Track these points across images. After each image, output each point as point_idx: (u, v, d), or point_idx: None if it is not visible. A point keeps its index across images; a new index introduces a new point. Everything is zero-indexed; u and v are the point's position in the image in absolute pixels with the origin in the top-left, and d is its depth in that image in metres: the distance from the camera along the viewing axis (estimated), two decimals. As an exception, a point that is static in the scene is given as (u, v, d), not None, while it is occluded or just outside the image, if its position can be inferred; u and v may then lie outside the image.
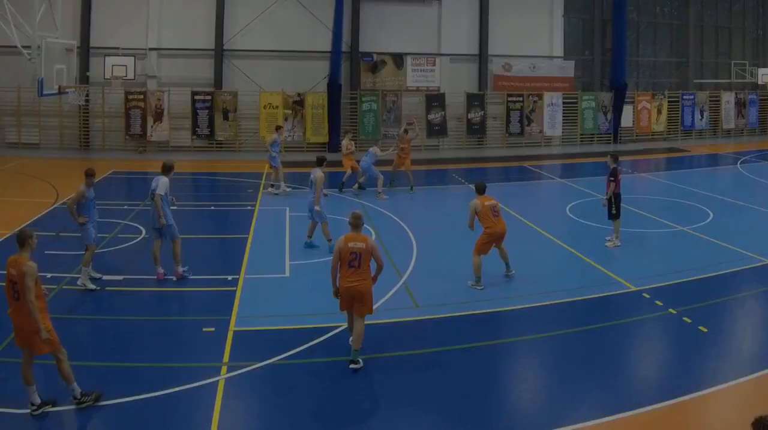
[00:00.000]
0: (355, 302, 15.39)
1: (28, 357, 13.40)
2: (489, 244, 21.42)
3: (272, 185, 34.09)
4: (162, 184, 20.94)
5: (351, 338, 15.68)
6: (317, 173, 24.92)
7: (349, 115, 52.25)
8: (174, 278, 21.17)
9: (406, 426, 13.33)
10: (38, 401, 13.28)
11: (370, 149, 34.87)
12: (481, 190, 22.00)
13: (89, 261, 20.85)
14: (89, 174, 20.94)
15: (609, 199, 25.51)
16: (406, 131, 37.01)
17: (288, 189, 34.03)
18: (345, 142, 36.50)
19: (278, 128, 36.38)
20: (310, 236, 25.20)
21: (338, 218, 26.06)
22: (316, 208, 24.52)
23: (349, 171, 35.35)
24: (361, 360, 15.30)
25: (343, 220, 22.20)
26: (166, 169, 21.53)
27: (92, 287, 20.46)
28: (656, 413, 13.49)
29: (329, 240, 24.18)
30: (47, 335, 13.11)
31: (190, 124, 49.82)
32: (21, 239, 13.94)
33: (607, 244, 25.87)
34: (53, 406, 13.42)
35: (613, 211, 25.67)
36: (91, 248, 20.84)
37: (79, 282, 20.58)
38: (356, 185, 35.24)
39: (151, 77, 49.90)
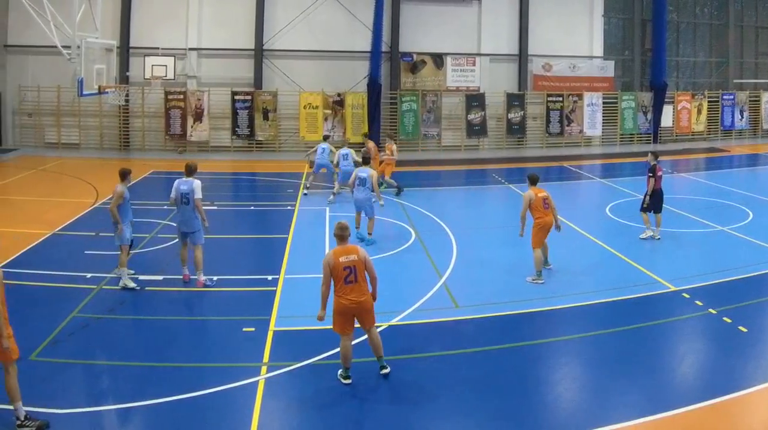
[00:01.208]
0: (358, 317, 14.86)
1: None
2: (541, 235, 21.58)
3: (333, 194, 33.75)
4: (198, 187, 20.85)
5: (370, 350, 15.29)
6: (371, 171, 25.51)
7: (388, 115, 52.26)
8: (196, 287, 20.97)
9: (446, 426, 13.31)
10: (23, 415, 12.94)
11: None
12: (534, 182, 22.12)
13: (125, 262, 20.85)
14: (125, 173, 21.01)
15: (647, 195, 26.10)
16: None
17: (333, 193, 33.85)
18: (394, 147, 35.60)
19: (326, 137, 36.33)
20: (358, 227, 25.55)
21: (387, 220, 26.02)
22: (381, 202, 25.69)
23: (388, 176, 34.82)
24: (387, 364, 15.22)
25: (387, 221, 22.31)
26: (194, 171, 21.34)
27: (132, 285, 20.53)
28: (696, 414, 13.41)
29: (370, 234, 24.93)
30: (7, 344, 12.47)
31: (229, 125, 50.02)
32: None
33: (643, 236, 26.46)
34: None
35: (645, 205, 26.27)
36: (125, 249, 20.81)
37: (120, 283, 20.60)
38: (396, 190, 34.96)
39: (191, 77, 50.10)
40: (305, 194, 34.12)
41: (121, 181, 20.76)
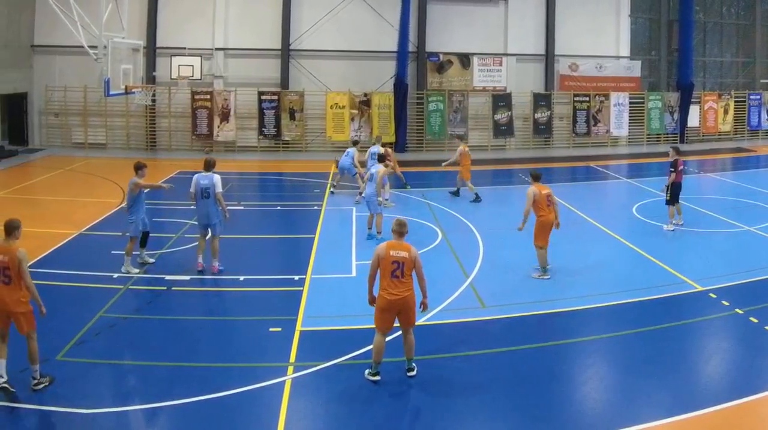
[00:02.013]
0: (400, 315, 14.81)
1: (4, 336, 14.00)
2: (544, 232, 21.64)
3: (360, 194, 33.55)
4: (218, 181, 21.28)
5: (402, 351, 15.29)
6: (379, 168, 25.79)
7: (415, 115, 52.34)
8: (211, 273, 21.51)
9: (473, 426, 13.29)
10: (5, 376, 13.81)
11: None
12: (537, 178, 22.27)
13: (131, 251, 21.76)
14: (140, 167, 21.86)
15: (666, 187, 26.97)
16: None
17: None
18: (467, 149, 34.45)
19: (356, 143, 36.15)
20: (370, 228, 25.71)
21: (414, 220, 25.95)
22: (379, 199, 25.56)
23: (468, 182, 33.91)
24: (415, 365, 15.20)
25: (414, 221, 22.25)
26: (213, 166, 21.81)
27: (135, 271, 21.55)
28: (722, 414, 13.39)
29: (379, 232, 24.98)
30: (44, 311, 14.08)
31: (256, 124, 50.16)
32: (9, 229, 14.49)
33: (665, 227, 27.14)
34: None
35: (668, 198, 26.96)
36: (134, 241, 21.76)
37: (122, 269, 21.32)
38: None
39: (218, 77, 50.24)
40: (332, 193, 34.22)
41: (136, 174, 21.73)
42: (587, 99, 54.43)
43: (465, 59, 53.01)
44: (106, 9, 33.10)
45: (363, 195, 26.71)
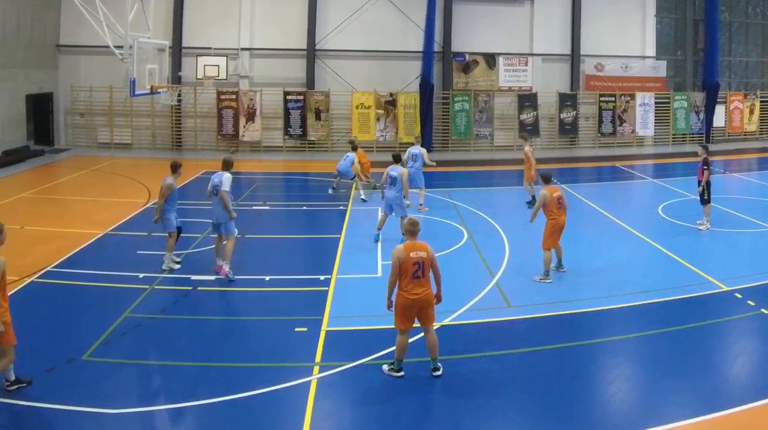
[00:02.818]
0: (421, 313, 14.89)
1: None
2: (555, 236, 21.64)
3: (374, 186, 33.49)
4: (227, 180, 21.25)
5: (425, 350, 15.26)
6: (401, 170, 25.57)
7: (441, 115, 52.28)
8: (220, 270, 21.40)
9: (499, 426, 13.32)
10: (13, 377, 13.79)
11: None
12: (547, 180, 22.19)
13: (173, 247, 21.89)
14: (177, 167, 22.09)
15: (703, 186, 26.76)
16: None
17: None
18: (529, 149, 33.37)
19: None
20: (379, 229, 25.74)
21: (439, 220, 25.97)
22: (407, 202, 25.68)
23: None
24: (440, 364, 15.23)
25: (440, 221, 22.21)
26: (230, 165, 21.81)
27: (177, 267, 21.82)
28: (748, 414, 13.35)
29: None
30: (2, 328, 13.12)
31: (282, 124, 50.24)
32: None
33: (700, 227, 27.02)
34: (28, 384, 13.90)
35: (705, 197, 26.81)
36: (173, 235, 21.86)
37: (163, 266, 21.46)
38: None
39: (243, 77, 50.33)
40: (330, 193, 34.52)
41: (171, 174, 21.83)
42: (613, 99, 54.29)
43: (491, 59, 52.93)
44: (131, 9, 33.21)
45: (382, 197, 26.50)
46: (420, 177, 30.99)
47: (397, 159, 26.45)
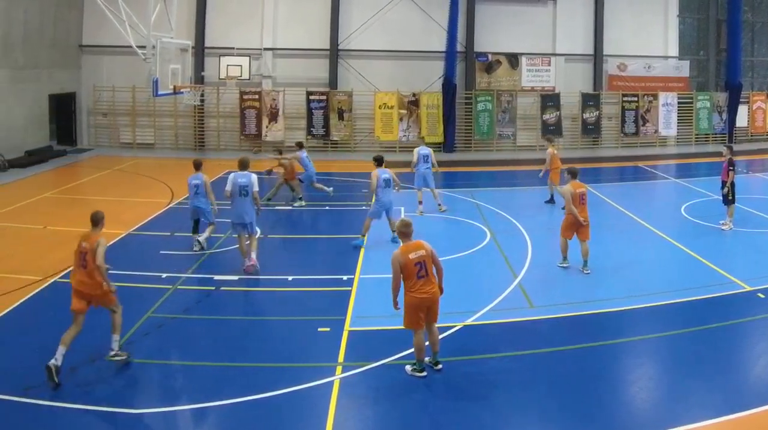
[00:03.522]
0: (429, 311, 14.99)
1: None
2: (572, 228, 22.19)
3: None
4: (255, 180, 21.86)
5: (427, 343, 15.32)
6: (391, 171, 25.80)
7: (464, 115, 52.24)
8: (248, 263, 21.85)
9: (522, 426, 13.37)
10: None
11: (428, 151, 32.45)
12: (574, 175, 22.65)
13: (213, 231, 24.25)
14: (199, 164, 23.92)
15: (728, 186, 26.71)
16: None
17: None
18: (555, 151, 33.09)
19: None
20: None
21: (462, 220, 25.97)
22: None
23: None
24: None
25: (462, 221, 22.20)
26: (248, 165, 22.48)
27: (198, 248, 23.63)
28: (770, 415, 13.31)
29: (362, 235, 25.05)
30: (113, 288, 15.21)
31: (305, 124, 50.27)
32: (95, 220, 15.68)
33: (723, 227, 27.04)
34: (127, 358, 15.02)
35: (730, 197, 26.80)
36: (214, 226, 24.20)
37: (202, 238, 23.02)
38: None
39: (266, 77, 50.45)
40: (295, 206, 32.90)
41: (196, 171, 24.02)
42: (636, 99, 54.11)
43: (513, 59, 52.86)
44: (154, 9, 33.17)
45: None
46: (431, 177, 30.83)
47: (380, 162, 26.01)
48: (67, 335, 14.42)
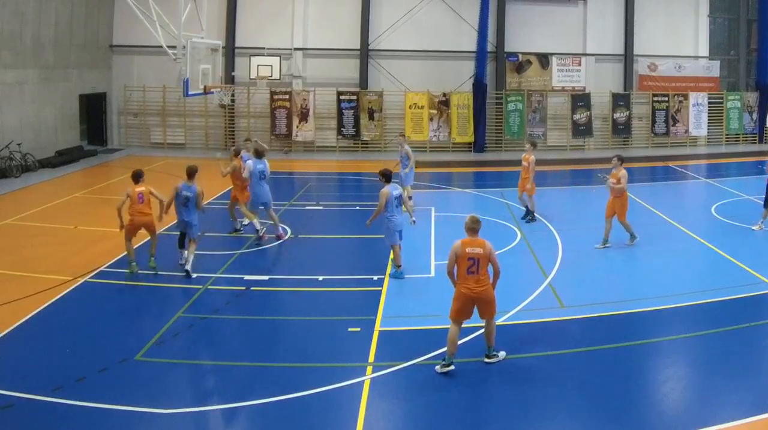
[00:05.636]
0: (479, 308, 15.13)
1: None
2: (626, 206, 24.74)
3: None
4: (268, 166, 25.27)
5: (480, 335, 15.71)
6: (401, 187, 24.40)
7: (494, 115, 52.29)
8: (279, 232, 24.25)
9: (551, 426, 13.35)
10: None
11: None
12: (622, 161, 25.33)
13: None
14: (193, 172, 24.01)
15: None
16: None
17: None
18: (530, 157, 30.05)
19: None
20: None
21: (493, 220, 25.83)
22: (413, 220, 23.60)
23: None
24: (500, 353, 15.56)
25: (493, 221, 22.15)
26: (264, 154, 26.15)
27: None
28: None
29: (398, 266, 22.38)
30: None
31: (335, 124, 50.39)
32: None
33: (753, 228, 26.99)
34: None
35: None
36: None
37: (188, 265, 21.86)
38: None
39: (297, 77, 50.59)
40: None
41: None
42: (666, 99, 53.97)
43: (544, 59, 52.82)
44: (184, 9, 33.25)
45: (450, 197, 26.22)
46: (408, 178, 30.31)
47: (389, 177, 23.71)
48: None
